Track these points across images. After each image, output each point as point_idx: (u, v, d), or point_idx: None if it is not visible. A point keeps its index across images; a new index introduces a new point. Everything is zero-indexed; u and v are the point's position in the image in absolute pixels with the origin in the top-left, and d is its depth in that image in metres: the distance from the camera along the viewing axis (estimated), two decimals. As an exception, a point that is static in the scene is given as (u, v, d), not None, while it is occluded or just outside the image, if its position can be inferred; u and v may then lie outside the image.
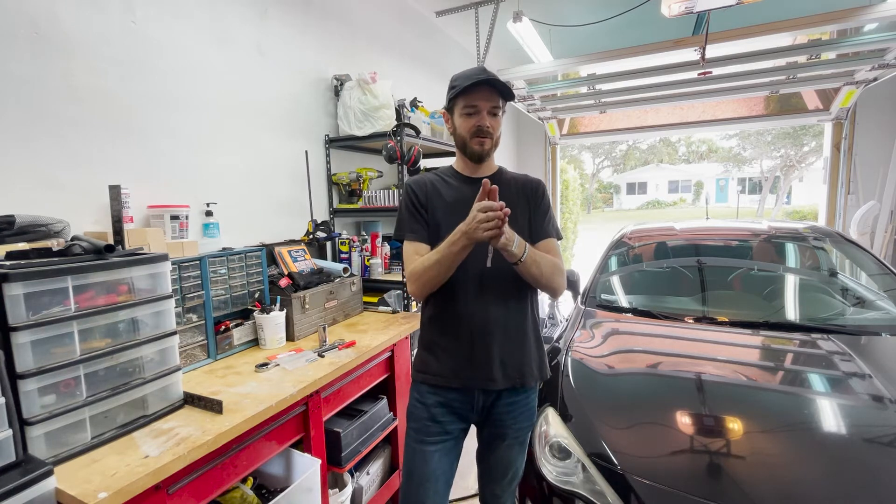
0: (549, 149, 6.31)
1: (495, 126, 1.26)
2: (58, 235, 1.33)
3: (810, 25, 2.83)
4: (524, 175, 1.38)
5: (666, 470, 1.21)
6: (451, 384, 1.27)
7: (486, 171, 1.33)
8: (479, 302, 1.25)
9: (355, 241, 2.53)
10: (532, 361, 1.29)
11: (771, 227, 2.66)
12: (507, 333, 1.26)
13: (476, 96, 1.22)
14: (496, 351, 1.24)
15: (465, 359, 1.25)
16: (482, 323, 1.24)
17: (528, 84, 4.19)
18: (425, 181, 1.34)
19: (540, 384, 1.38)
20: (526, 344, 1.29)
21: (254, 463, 1.28)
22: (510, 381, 1.25)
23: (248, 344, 1.76)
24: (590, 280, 2.51)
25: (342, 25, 2.78)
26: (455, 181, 1.34)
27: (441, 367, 1.28)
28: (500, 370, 1.24)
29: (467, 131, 1.25)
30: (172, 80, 1.82)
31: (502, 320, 1.25)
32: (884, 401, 1.37)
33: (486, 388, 1.26)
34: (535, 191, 1.33)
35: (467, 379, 1.25)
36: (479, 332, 1.24)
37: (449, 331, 1.27)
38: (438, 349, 1.29)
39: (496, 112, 1.25)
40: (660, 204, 28.33)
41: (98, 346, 1.08)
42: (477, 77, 1.20)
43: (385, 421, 1.91)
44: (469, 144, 1.26)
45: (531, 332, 1.31)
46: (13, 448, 0.89)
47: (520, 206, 1.29)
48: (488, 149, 1.27)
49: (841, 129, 4.71)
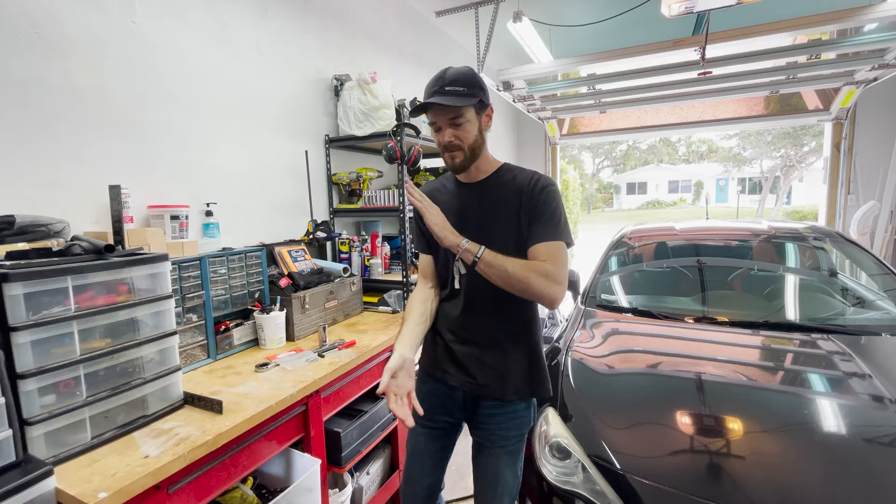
0: (549, 149, 6.31)
1: (462, 136, 1.18)
2: (58, 235, 1.33)
3: (810, 25, 2.83)
4: (529, 172, 1.25)
5: (666, 470, 1.20)
6: (436, 375, 1.33)
7: (480, 174, 1.28)
8: (473, 307, 1.26)
9: (355, 241, 2.53)
10: (518, 376, 1.24)
11: (771, 227, 2.66)
12: (496, 342, 1.25)
13: (432, 113, 1.19)
14: (478, 355, 1.25)
15: (448, 358, 1.30)
16: (471, 327, 1.26)
17: (528, 84, 4.18)
18: (428, 193, 1.33)
19: (531, 400, 1.29)
20: (515, 356, 1.24)
21: (254, 463, 1.28)
22: (490, 390, 1.24)
23: (248, 344, 1.76)
24: (590, 280, 2.51)
25: (342, 25, 2.78)
26: (453, 187, 1.33)
27: (430, 358, 1.35)
28: (480, 373, 1.25)
29: (438, 147, 1.23)
30: (172, 80, 1.82)
31: (492, 327, 1.25)
32: (884, 401, 1.37)
33: (465, 388, 1.28)
34: (531, 189, 1.20)
35: (450, 375, 1.29)
36: (464, 338, 1.27)
37: (443, 327, 1.32)
38: (432, 344, 1.35)
39: (459, 122, 1.17)
40: (660, 204, 28.33)
41: (98, 346, 1.08)
42: (428, 93, 1.17)
43: (385, 421, 1.91)
44: (444, 159, 1.24)
45: (525, 345, 1.26)
46: (13, 448, 0.89)
47: (513, 207, 1.21)
48: (460, 161, 1.21)
49: (841, 129, 4.72)
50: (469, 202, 1.26)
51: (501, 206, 1.22)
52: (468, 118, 1.18)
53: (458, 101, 1.13)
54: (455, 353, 1.28)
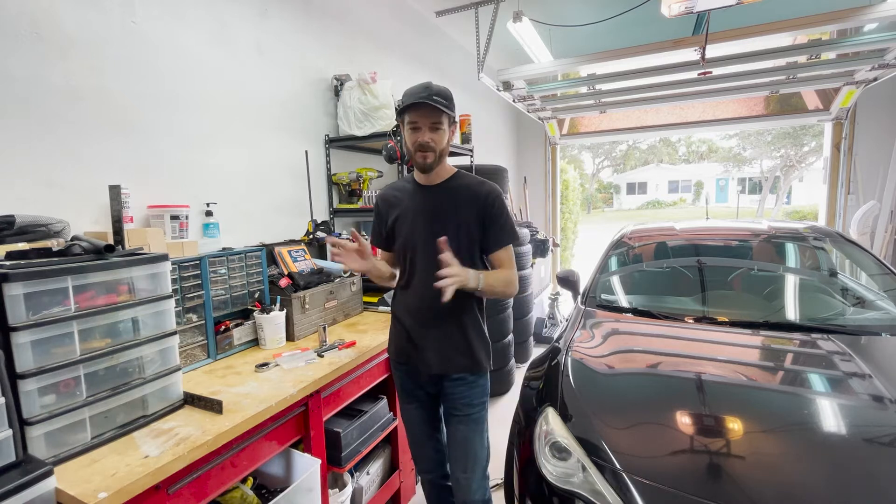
0: (549, 149, 6.31)
1: (437, 140, 1.38)
2: (58, 235, 1.33)
3: (810, 25, 2.83)
4: (479, 181, 1.49)
5: (666, 470, 1.20)
6: (401, 360, 1.55)
7: (438, 178, 1.48)
8: (423, 297, 1.45)
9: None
10: (463, 353, 1.46)
11: (771, 227, 2.66)
12: (444, 326, 1.46)
13: (417, 114, 1.36)
14: (431, 340, 1.47)
15: (408, 342, 1.51)
16: (423, 314, 1.46)
17: (528, 84, 4.18)
18: (388, 194, 1.57)
19: (479, 371, 1.50)
20: (461, 336, 1.46)
21: (254, 463, 1.28)
22: (443, 369, 1.46)
23: (248, 344, 1.76)
24: (590, 280, 2.51)
25: (342, 25, 2.78)
26: (411, 189, 1.52)
27: (393, 347, 1.59)
28: (434, 357, 1.46)
29: (412, 145, 1.40)
30: (172, 80, 1.82)
31: (441, 313, 1.42)
32: (884, 401, 1.36)
33: (422, 370, 1.49)
34: (485, 200, 1.43)
35: (411, 360, 1.51)
36: (419, 322, 1.47)
37: (400, 317, 1.54)
38: (394, 331, 1.58)
39: (437, 127, 1.38)
40: (660, 204, 28.32)
41: (98, 346, 1.08)
42: (418, 96, 1.34)
43: (385, 421, 1.91)
44: (414, 157, 1.42)
45: (470, 325, 1.48)
46: (13, 448, 0.89)
47: (469, 211, 1.43)
48: (431, 161, 1.40)
49: (841, 129, 4.72)
50: (428, 202, 1.47)
51: (459, 208, 1.44)
52: (444, 127, 1.39)
53: (443, 109, 1.35)
54: (413, 337, 1.49)
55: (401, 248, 1.52)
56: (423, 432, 1.61)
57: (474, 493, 1.50)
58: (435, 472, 1.65)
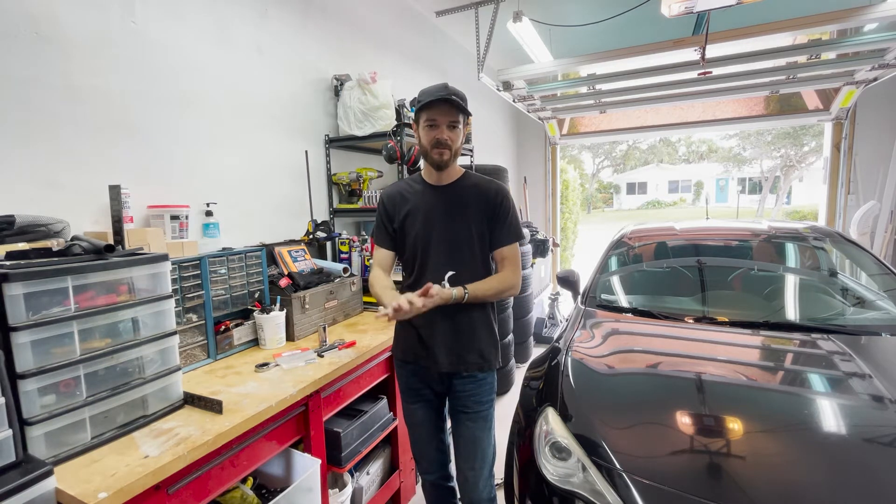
0: (549, 149, 6.31)
1: (454, 138, 1.41)
2: (58, 235, 1.33)
3: (810, 25, 2.83)
4: (487, 180, 1.52)
5: (666, 470, 1.20)
6: (408, 359, 1.54)
7: (448, 178, 1.50)
8: None
9: (355, 241, 2.53)
10: (474, 351, 1.47)
11: (771, 227, 2.66)
12: (454, 324, 1.45)
13: (436, 111, 1.39)
14: (440, 338, 1.45)
15: (417, 341, 1.49)
16: (432, 313, 1.39)
17: (528, 84, 4.18)
18: (394, 193, 1.56)
19: (488, 369, 1.51)
20: (471, 334, 1.47)
21: (254, 463, 1.28)
22: (454, 367, 1.46)
23: (248, 344, 1.76)
24: (590, 280, 2.51)
25: (342, 25, 2.78)
26: (421, 188, 1.53)
27: (401, 346, 1.57)
28: (444, 355, 1.45)
29: (429, 142, 1.42)
30: (172, 80, 1.82)
31: (451, 311, 1.42)
32: (884, 401, 1.36)
33: (432, 368, 1.48)
34: (494, 199, 1.47)
35: (420, 359, 1.50)
36: (429, 321, 1.44)
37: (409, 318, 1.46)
38: (401, 329, 1.57)
39: (455, 126, 1.41)
40: (660, 204, 28.32)
41: (98, 346, 1.08)
42: (437, 94, 1.37)
43: (385, 421, 1.91)
44: (430, 154, 1.43)
45: (481, 323, 1.48)
46: (13, 448, 0.89)
47: (477, 210, 1.46)
48: (447, 159, 1.43)
49: (841, 129, 4.72)
50: (439, 201, 1.49)
51: (468, 207, 1.46)
52: (460, 126, 1.42)
53: (461, 108, 1.39)
54: (422, 336, 1.48)
55: (410, 247, 1.52)
56: (428, 432, 1.60)
57: (481, 492, 1.51)
58: (437, 473, 1.64)
